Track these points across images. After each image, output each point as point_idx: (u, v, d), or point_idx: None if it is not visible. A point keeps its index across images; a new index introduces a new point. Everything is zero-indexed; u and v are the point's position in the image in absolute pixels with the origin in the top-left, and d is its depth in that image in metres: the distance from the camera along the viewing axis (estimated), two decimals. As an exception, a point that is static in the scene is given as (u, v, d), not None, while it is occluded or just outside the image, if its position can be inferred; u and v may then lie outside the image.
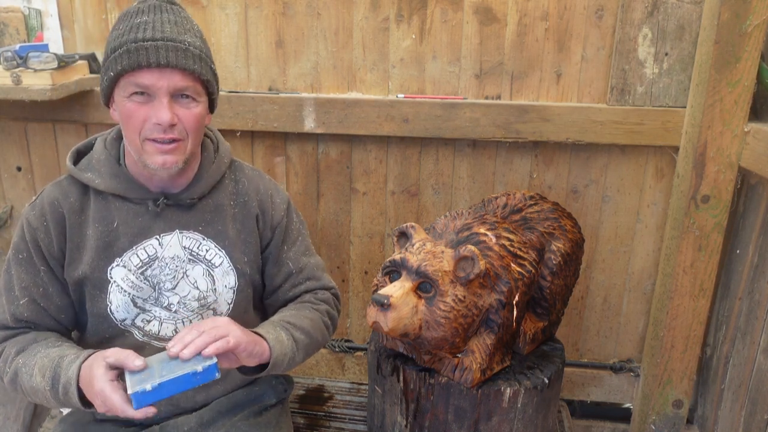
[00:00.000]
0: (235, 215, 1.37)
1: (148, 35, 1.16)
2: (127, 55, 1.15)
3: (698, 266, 1.77)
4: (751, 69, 1.60)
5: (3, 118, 2.05)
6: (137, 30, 1.17)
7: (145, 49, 1.15)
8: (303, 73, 1.93)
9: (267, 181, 1.45)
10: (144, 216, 1.29)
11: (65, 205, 1.28)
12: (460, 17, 1.82)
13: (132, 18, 1.19)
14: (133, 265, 1.29)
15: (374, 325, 1.28)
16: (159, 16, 1.19)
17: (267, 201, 1.41)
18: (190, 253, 1.32)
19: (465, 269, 1.30)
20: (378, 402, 1.56)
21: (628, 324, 2.07)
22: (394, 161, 1.98)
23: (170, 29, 1.18)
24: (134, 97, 1.18)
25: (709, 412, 1.92)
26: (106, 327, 1.31)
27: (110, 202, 1.29)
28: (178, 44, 1.17)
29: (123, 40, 1.16)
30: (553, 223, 1.56)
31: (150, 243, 1.30)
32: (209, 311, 1.35)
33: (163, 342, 1.32)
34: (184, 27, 1.22)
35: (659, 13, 1.74)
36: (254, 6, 1.88)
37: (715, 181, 1.70)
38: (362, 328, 2.19)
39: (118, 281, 1.29)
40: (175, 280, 1.32)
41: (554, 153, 1.92)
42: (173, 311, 1.33)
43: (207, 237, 1.33)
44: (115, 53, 1.17)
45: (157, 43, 1.16)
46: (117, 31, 1.19)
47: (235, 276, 1.35)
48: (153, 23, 1.18)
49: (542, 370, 1.48)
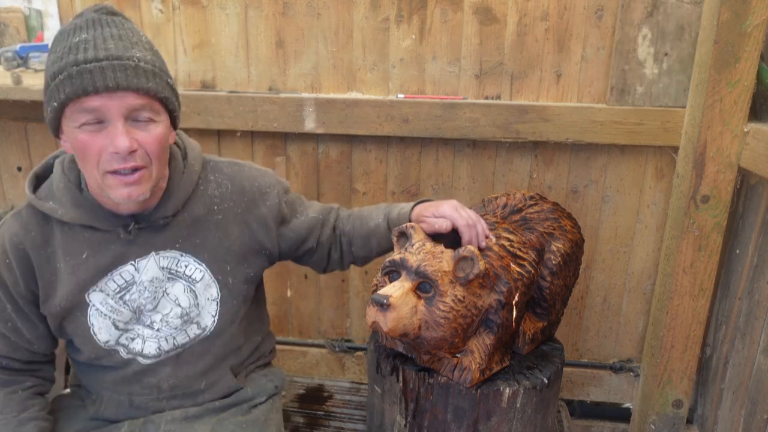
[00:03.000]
0: (219, 222, 1.30)
1: (90, 56, 1.04)
2: (69, 81, 1.03)
3: (698, 266, 1.77)
4: (750, 69, 1.60)
5: (3, 118, 2.05)
6: (77, 51, 1.05)
7: (89, 72, 1.03)
8: (303, 73, 1.93)
9: (250, 173, 1.36)
10: (115, 243, 1.21)
11: (27, 242, 1.19)
12: (460, 17, 1.82)
13: (69, 37, 1.07)
14: (111, 290, 1.24)
15: (374, 325, 1.28)
16: (100, 32, 1.07)
17: (256, 198, 1.34)
18: (169, 272, 1.26)
19: (464, 269, 1.30)
20: (377, 402, 1.56)
21: (628, 324, 2.07)
22: (394, 161, 1.98)
23: (114, 45, 1.07)
24: (85, 127, 1.06)
25: (708, 412, 1.92)
26: (91, 347, 1.27)
27: (77, 232, 1.20)
28: (125, 62, 1.06)
29: (62, 64, 1.04)
30: (553, 224, 1.56)
31: (125, 269, 1.23)
32: (193, 325, 1.31)
33: (148, 358, 1.30)
34: (131, 41, 1.10)
35: (659, 13, 1.74)
36: (254, 6, 1.88)
37: (714, 181, 1.70)
38: (362, 328, 2.19)
39: (96, 305, 1.24)
40: (156, 300, 1.27)
41: (554, 153, 1.92)
42: (156, 329, 1.28)
43: (185, 253, 1.27)
44: (55, 80, 1.05)
45: (101, 63, 1.04)
46: (55, 54, 1.07)
47: (217, 287, 1.30)
48: (94, 41, 1.06)
49: (542, 370, 1.48)
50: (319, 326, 2.21)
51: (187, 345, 1.32)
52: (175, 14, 1.92)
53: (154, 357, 1.30)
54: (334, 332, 2.21)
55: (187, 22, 1.92)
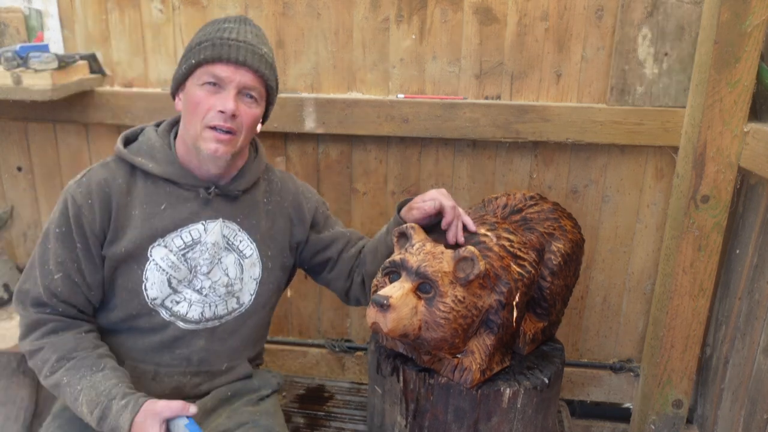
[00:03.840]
0: (268, 212, 1.49)
1: (233, 36, 1.31)
2: (212, 48, 1.29)
3: (698, 266, 1.77)
4: (750, 69, 1.60)
5: (3, 118, 2.05)
6: (223, 31, 1.32)
7: (228, 46, 1.29)
8: (303, 73, 1.93)
9: (296, 181, 1.58)
10: (193, 202, 1.38)
11: (113, 186, 1.34)
12: (460, 17, 1.82)
13: (220, 23, 1.35)
14: (176, 246, 1.36)
15: (374, 325, 1.28)
16: (243, 27, 1.35)
17: (300, 197, 1.54)
18: (227, 242, 1.41)
19: (465, 270, 1.30)
20: (378, 402, 1.56)
21: (628, 324, 2.07)
22: (394, 161, 1.98)
23: (252, 38, 1.34)
24: (206, 87, 1.30)
25: (708, 412, 1.92)
26: (135, 304, 1.36)
27: (160, 186, 1.37)
28: (255, 49, 1.33)
29: (210, 36, 1.31)
30: (553, 224, 1.56)
31: (195, 227, 1.38)
32: (233, 298, 1.44)
33: (188, 323, 1.39)
34: (262, 41, 1.38)
35: (659, 13, 1.74)
36: (254, 6, 1.88)
37: (714, 181, 1.70)
38: (362, 328, 2.19)
39: (157, 260, 1.35)
40: (211, 265, 1.40)
41: (554, 153, 1.92)
42: (204, 294, 1.40)
43: (242, 228, 1.44)
44: (200, 45, 1.31)
45: (239, 43, 1.31)
46: (203, 31, 1.35)
47: (261, 268, 1.46)
48: (238, 30, 1.34)
49: (542, 371, 1.48)
50: (319, 326, 2.21)
51: (224, 318, 1.44)
52: (175, 14, 1.92)
53: (195, 323, 1.40)
54: (334, 332, 2.21)
55: (187, 22, 1.92)
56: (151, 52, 1.96)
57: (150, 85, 1.99)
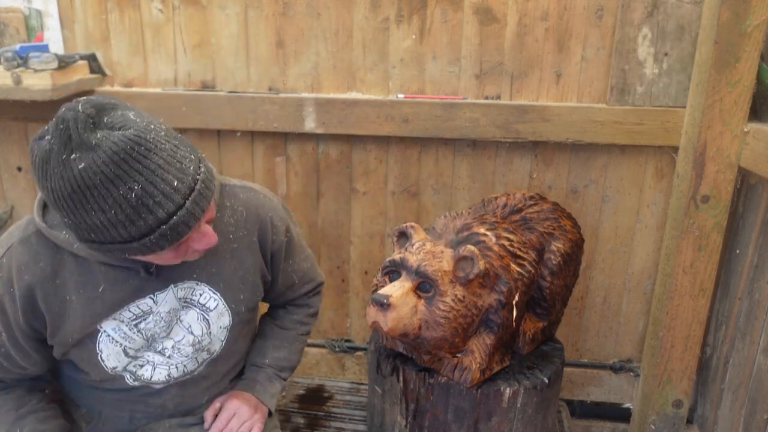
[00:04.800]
0: (234, 251, 1.26)
1: (170, 208, 0.96)
2: (164, 238, 0.98)
3: (698, 266, 1.77)
4: (750, 69, 1.60)
5: (4, 118, 2.05)
6: (146, 208, 0.94)
7: (182, 223, 0.98)
8: (303, 73, 1.93)
9: (264, 201, 1.32)
10: (135, 279, 1.16)
11: (35, 273, 1.11)
12: (460, 17, 1.82)
13: (111, 191, 0.92)
14: (126, 318, 1.19)
15: (374, 325, 1.28)
16: (144, 168, 0.93)
17: (267, 227, 1.30)
18: (184, 301, 1.23)
19: (465, 269, 1.30)
20: (378, 402, 1.56)
21: (628, 324, 2.07)
22: (394, 161, 1.98)
23: (172, 176, 0.96)
24: (168, 250, 1.03)
25: (708, 412, 1.92)
26: (96, 372, 1.23)
27: (93, 266, 1.13)
28: (194, 186, 0.99)
29: (141, 228, 0.96)
30: (553, 224, 1.56)
31: (144, 302, 1.19)
32: (203, 352, 1.30)
33: (155, 386, 1.29)
34: (166, 154, 0.96)
35: (659, 13, 1.74)
36: (254, 6, 1.88)
37: (714, 181, 1.70)
38: (362, 328, 2.19)
39: (108, 332, 1.18)
40: (169, 328, 1.24)
41: (554, 153, 1.92)
42: (167, 356, 1.26)
43: (201, 282, 1.23)
44: (141, 240, 0.97)
45: (186, 207, 0.98)
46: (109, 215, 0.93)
47: (230, 316, 1.29)
48: (154, 185, 0.94)
49: (542, 370, 1.48)
50: (319, 326, 2.21)
51: (195, 370, 1.32)
52: (175, 14, 1.92)
53: (164, 383, 1.29)
54: (334, 332, 2.21)
55: (187, 22, 1.92)
56: (150, 52, 1.96)
57: (150, 85, 1.99)
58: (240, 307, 1.29)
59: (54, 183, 0.92)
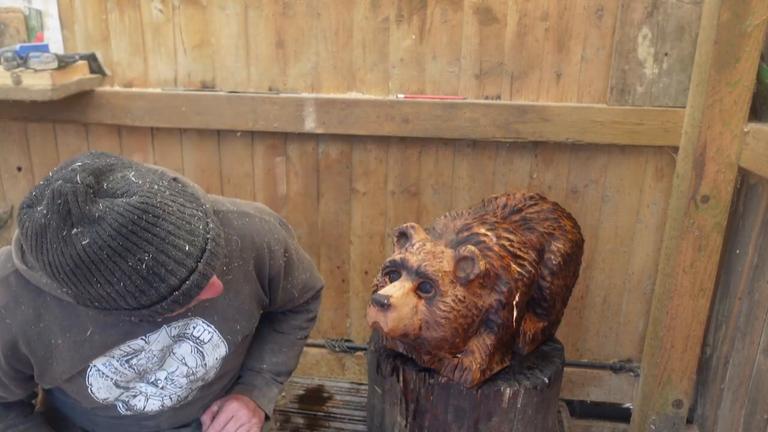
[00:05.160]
0: (229, 283, 1.19)
1: (182, 274, 0.92)
2: (176, 304, 0.94)
3: (698, 266, 1.77)
4: (750, 69, 1.60)
5: (3, 118, 2.05)
6: (157, 278, 0.89)
7: (195, 286, 0.93)
8: (303, 73, 1.93)
9: (260, 226, 1.24)
10: (124, 323, 1.10)
11: (16, 316, 1.04)
12: (460, 17, 1.82)
13: (119, 264, 0.86)
14: (117, 355, 1.14)
15: (374, 325, 1.28)
16: (154, 237, 0.88)
17: (264, 255, 1.24)
18: (177, 336, 1.19)
19: (465, 269, 1.30)
20: (378, 402, 1.56)
21: (628, 324, 2.07)
22: (394, 161, 1.98)
23: (183, 240, 0.91)
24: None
25: (708, 412, 1.92)
26: (88, 402, 1.20)
27: (78, 309, 1.05)
28: (205, 247, 0.95)
29: (152, 296, 0.91)
30: (553, 224, 1.56)
31: (135, 342, 1.14)
32: (198, 382, 1.27)
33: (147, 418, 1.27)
34: (175, 217, 0.91)
35: (659, 13, 1.74)
36: (254, 6, 1.88)
37: (714, 181, 1.70)
38: (362, 328, 2.19)
39: (98, 366, 1.14)
40: (162, 361, 1.20)
41: (554, 153, 1.92)
42: (160, 387, 1.22)
43: (194, 316, 1.18)
44: (146, 309, 0.93)
45: (198, 270, 0.93)
46: (117, 287, 0.88)
47: (226, 347, 1.24)
48: (165, 253, 0.89)
49: (542, 370, 1.48)
50: (319, 326, 2.21)
51: (189, 397, 1.30)
52: (175, 14, 1.92)
53: (157, 412, 1.27)
54: (334, 332, 2.21)
55: (187, 22, 1.92)
56: (150, 52, 1.96)
57: (150, 85, 1.99)
58: (236, 337, 1.25)
59: (52, 258, 0.85)
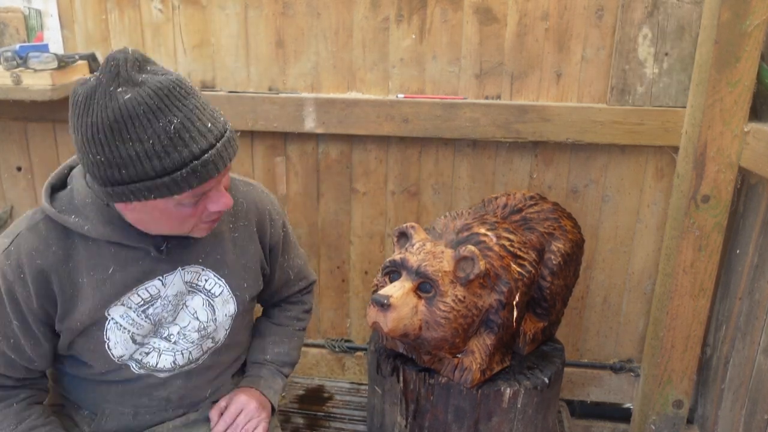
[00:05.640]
0: (235, 240, 1.30)
1: (203, 145, 1.01)
2: (195, 176, 1.01)
3: (698, 266, 1.77)
4: (751, 69, 1.60)
5: (3, 118, 2.05)
6: (182, 141, 0.99)
7: (212, 162, 1.02)
8: (303, 73, 1.93)
9: (262, 196, 1.37)
10: (144, 260, 1.19)
11: (47, 257, 1.13)
12: (460, 17, 1.82)
13: (154, 122, 0.98)
14: (134, 303, 1.20)
15: (374, 325, 1.28)
16: (185, 109, 1.00)
17: (266, 221, 1.35)
18: (190, 286, 1.25)
19: (465, 269, 1.30)
20: (378, 402, 1.56)
21: (628, 324, 2.07)
22: (394, 161, 1.98)
23: (210, 122, 1.03)
24: (188, 202, 1.07)
25: (709, 412, 1.92)
26: (102, 362, 1.23)
27: (102, 248, 1.15)
28: (224, 133, 1.06)
29: (177, 159, 0.99)
30: (553, 224, 1.56)
31: (152, 284, 1.21)
32: (208, 340, 1.31)
33: (161, 373, 1.29)
34: (201, 101, 1.05)
35: (659, 13, 1.73)
36: (254, 6, 1.88)
37: (715, 181, 1.70)
38: (362, 328, 2.19)
39: (116, 318, 1.20)
40: (176, 313, 1.26)
41: (554, 153, 1.92)
42: (173, 342, 1.27)
43: (206, 267, 1.26)
44: (173, 175, 1.00)
45: (216, 148, 1.03)
46: (147, 145, 0.97)
47: (235, 304, 1.30)
48: (191, 122, 1.00)
49: (542, 371, 1.48)
50: (319, 326, 2.21)
51: (200, 359, 1.33)
52: (175, 14, 1.92)
53: (169, 371, 1.29)
54: (334, 332, 2.21)
55: (187, 21, 1.92)
56: (150, 52, 1.95)
57: (150, 85, 1.99)
58: (244, 295, 1.32)
59: (96, 116, 0.97)
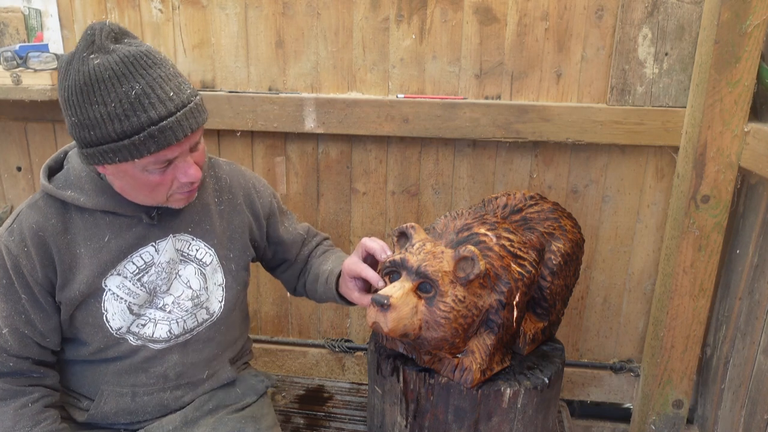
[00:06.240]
0: (222, 212, 1.39)
1: (162, 112, 1.08)
2: (152, 141, 1.08)
3: (698, 266, 1.77)
4: (751, 69, 1.60)
5: (3, 118, 2.05)
6: (142, 107, 1.06)
7: (169, 129, 1.08)
8: (303, 73, 1.93)
9: (245, 172, 1.48)
10: (137, 227, 1.27)
11: (47, 229, 1.21)
12: (460, 17, 1.82)
13: (117, 86, 1.05)
14: (129, 272, 1.27)
15: (374, 325, 1.28)
16: (149, 78, 1.08)
17: (251, 193, 1.45)
18: (182, 254, 1.33)
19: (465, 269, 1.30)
20: (378, 402, 1.56)
21: (628, 324, 2.07)
22: (394, 161, 1.98)
23: (172, 91, 1.10)
24: (153, 168, 1.13)
25: (709, 412, 1.92)
26: (100, 336, 1.28)
27: (98, 218, 1.24)
28: (188, 106, 1.12)
29: (135, 123, 1.06)
30: (553, 223, 1.56)
31: (146, 250, 1.28)
32: (202, 309, 1.37)
33: (158, 343, 1.32)
34: (173, 75, 1.12)
35: (659, 13, 1.74)
36: (254, 6, 1.88)
37: (715, 181, 1.70)
38: (362, 328, 2.19)
39: (113, 289, 1.26)
40: (169, 281, 1.32)
41: (554, 153, 1.92)
42: (167, 311, 1.33)
43: (196, 237, 1.34)
44: (131, 138, 1.07)
45: (176, 116, 1.09)
46: (109, 108, 1.05)
47: (222, 273, 1.38)
48: (153, 91, 1.07)
49: (542, 371, 1.48)
50: (319, 326, 2.21)
51: (195, 330, 1.37)
52: (175, 14, 1.92)
53: (164, 341, 1.34)
54: (334, 332, 2.21)
55: (187, 22, 1.92)
56: (150, 51, 1.96)
57: (150, 85, 1.99)
58: (230, 264, 1.39)
59: (71, 79, 1.07)
